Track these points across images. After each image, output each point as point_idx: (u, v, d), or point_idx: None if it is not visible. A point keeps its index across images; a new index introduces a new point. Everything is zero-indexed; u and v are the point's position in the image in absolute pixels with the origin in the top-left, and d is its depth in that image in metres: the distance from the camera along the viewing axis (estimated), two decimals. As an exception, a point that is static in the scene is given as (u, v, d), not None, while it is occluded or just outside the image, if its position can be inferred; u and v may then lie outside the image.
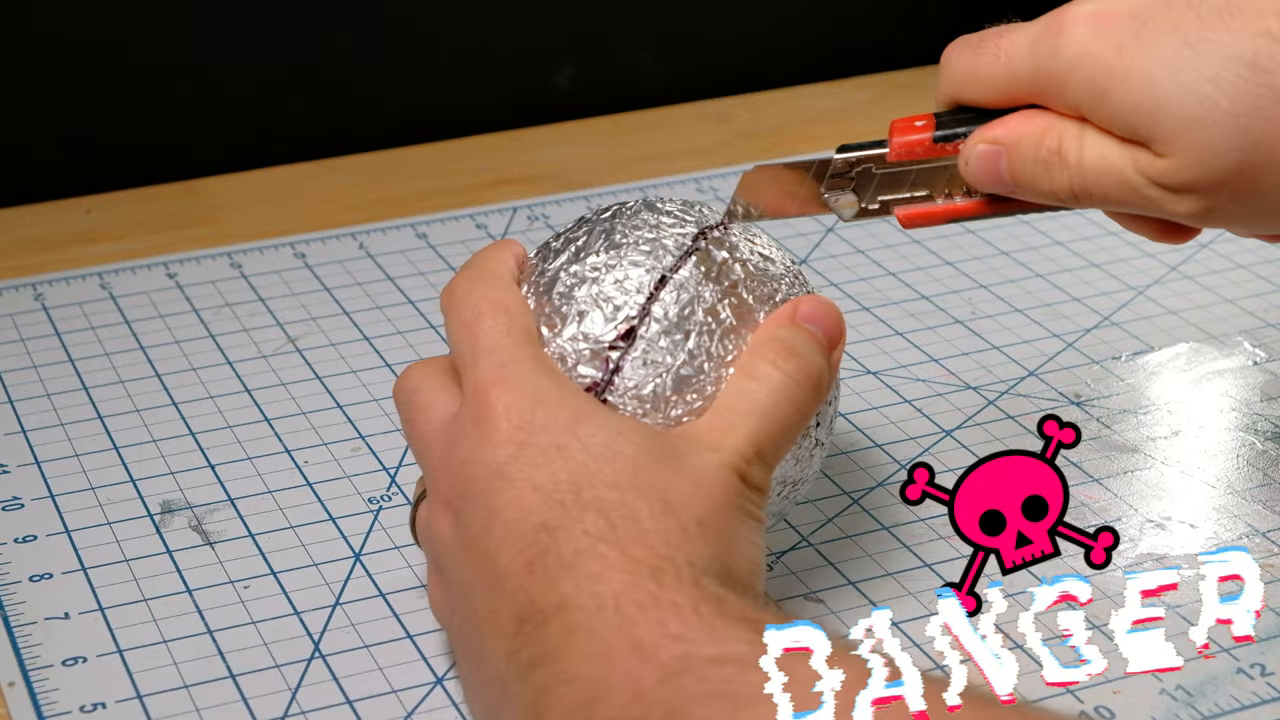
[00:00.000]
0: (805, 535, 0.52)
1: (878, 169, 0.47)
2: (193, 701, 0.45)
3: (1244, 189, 0.42)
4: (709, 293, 0.44)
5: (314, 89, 0.78)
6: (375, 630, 0.47)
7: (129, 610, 0.48)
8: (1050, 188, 0.44)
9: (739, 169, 0.76)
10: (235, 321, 0.64)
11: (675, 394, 0.43)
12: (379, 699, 0.45)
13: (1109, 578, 0.50)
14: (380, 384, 0.60)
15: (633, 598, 0.37)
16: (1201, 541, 0.51)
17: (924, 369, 0.61)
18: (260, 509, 0.53)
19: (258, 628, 0.48)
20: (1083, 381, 0.60)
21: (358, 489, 0.54)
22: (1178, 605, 0.48)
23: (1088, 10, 0.43)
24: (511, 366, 0.42)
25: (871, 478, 0.55)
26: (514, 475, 0.40)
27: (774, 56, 0.85)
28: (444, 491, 0.42)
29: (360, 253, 0.69)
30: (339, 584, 0.49)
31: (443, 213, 0.71)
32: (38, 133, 0.74)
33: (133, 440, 0.56)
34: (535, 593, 0.39)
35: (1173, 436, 0.57)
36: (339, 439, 0.57)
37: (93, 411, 0.58)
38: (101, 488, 0.54)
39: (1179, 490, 0.54)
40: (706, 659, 0.35)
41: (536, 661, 0.38)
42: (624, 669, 0.36)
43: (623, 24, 0.82)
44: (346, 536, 0.52)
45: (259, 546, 0.51)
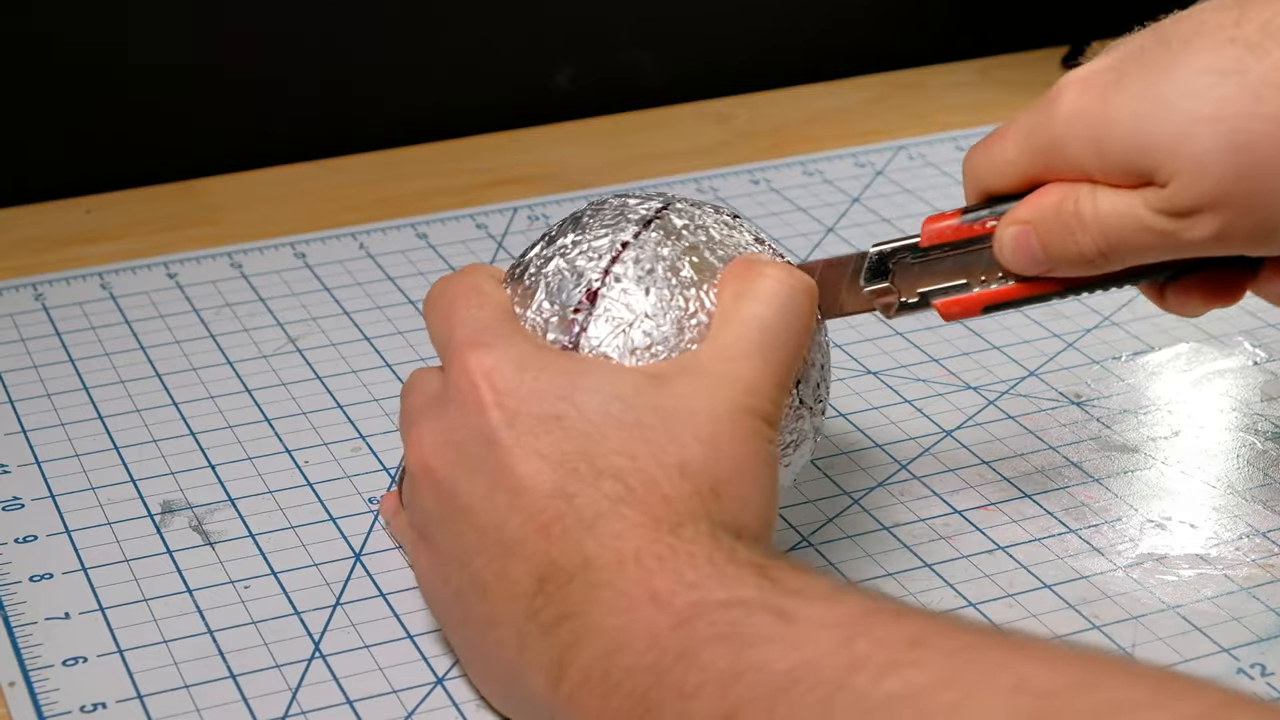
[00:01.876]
0: (806, 535, 0.52)
1: (913, 258, 0.48)
2: (193, 701, 0.45)
3: (1247, 197, 0.43)
4: (668, 251, 0.45)
5: (314, 89, 0.78)
6: (376, 630, 0.47)
7: (129, 610, 0.48)
8: (1079, 252, 0.45)
9: (739, 169, 0.76)
10: (235, 321, 0.64)
11: (640, 348, 0.44)
12: (379, 699, 0.45)
13: (1110, 578, 0.50)
14: (380, 384, 0.60)
15: (653, 550, 0.39)
16: (1202, 541, 0.51)
17: (924, 369, 0.61)
18: (260, 509, 0.53)
19: (258, 628, 0.47)
20: (1083, 381, 0.60)
21: (358, 489, 0.54)
22: (1178, 605, 0.48)
23: (1074, 76, 0.45)
24: (487, 334, 0.43)
25: (871, 478, 0.55)
26: (510, 443, 0.41)
27: (774, 56, 0.85)
28: (428, 462, 0.43)
29: (360, 253, 0.69)
30: (339, 584, 0.49)
31: (443, 213, 0.71)
32: (38, 133, 0.74)
33: (133, 440, 0.56)
34: (555, 554, 0.40)
35: (1173, 436, 0.57)
36: (339, 439, 0.57)
37: (93, 411, 0.58)
38: (102, 488, 0.54)
39: (1179, 490, 0.54)
40: (717, 603, 0.37)
41: (562, 618, 0.39)
42: (643, 618, 0.37)
43: (623, 24, 0.82)
44: (347, 536, 0.52)
45: (259, 546, 0.51)
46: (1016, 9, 0.88)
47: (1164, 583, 0.49)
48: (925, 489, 0.54)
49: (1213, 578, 0.50)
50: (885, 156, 0.77)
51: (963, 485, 0.54)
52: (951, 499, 0.53)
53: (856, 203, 0.73)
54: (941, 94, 0.84)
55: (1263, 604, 0.48)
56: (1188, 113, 0.42)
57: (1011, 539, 0.51)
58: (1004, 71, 0.86)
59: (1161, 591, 0.49)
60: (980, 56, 0.86)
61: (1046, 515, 0.53)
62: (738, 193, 0.74)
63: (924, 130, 0.80)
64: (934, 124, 0.80)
